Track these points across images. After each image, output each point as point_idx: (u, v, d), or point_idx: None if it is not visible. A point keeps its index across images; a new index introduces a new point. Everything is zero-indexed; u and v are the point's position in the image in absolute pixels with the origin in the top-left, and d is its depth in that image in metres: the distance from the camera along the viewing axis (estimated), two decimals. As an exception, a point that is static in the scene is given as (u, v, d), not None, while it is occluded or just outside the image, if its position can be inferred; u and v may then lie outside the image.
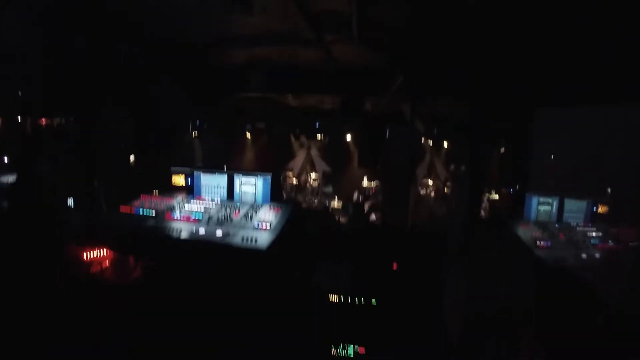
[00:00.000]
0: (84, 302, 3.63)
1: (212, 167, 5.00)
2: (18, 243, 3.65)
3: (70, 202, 5.66)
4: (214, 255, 3.77)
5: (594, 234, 4.65)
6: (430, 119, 9.93)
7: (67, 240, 4.18)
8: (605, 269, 3.76)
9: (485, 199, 9.67)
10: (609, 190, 5.87)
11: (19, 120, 7.92)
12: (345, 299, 3.82)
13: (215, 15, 3.50)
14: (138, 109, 7.12)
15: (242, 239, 3.84)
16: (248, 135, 11.93)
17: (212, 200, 4.79)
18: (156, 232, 4.06)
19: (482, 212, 9.42)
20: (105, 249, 4.06)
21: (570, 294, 3.27)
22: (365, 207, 8.85)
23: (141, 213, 4.51)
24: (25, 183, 4.53)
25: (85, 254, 3.97)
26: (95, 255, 4.02)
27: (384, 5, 3.42)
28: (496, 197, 9.94)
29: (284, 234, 4.03)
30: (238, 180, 4.79)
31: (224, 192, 4.84)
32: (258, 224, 4.14)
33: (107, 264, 4.07)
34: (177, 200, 4.77)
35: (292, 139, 12.52)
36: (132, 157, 8.73)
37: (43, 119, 8.46)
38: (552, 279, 3.72)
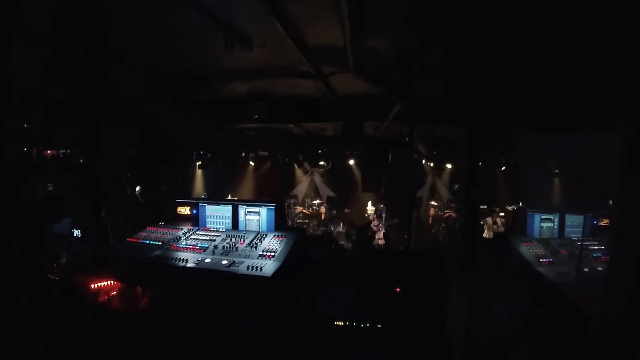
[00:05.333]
0: (92, 331, 3.68)
1: (217, 198, 5.09)
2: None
3: (78, 232, 5.76)
4: (220, 284, 3.82)
5: (595, 248, 4.69)
6: (431, 141, 10.05)
7: (73, 269, 4.26)
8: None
9: (490, 217, 9.67)
10: (610, 202, 5.89)
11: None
12: (351, 323, 3.85)
13: (217, 51, 3.67)
14: (143, 140, 7.29)
15: (248, 268, 3.88)
16: (252, 163, 12.06)
17: (217, 230, 4.87)
18: (163, 262, 4.12)
19: (486, 231, 9.43)
20: (112, 279, 4.13)
21: (573, 310, 3.28)
22: (370, 232, 8.89)
23: (148, 243, 4.58)
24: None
25: (92, 283, 4.04)
26: (102, 285, 4.09)
27: (377, 38, 3.58)
28: (500, 215, 9.94)
29: (289, 261, 4.07)
30: (242, 210, 4.88)
31: (228, 222, 4.92)
32: (263, 252, 4.19)
33: (115, 294, 4.13)
34: (183, 230, 4.85)
35: (296, 166, 12.64)
36: (137, 188, 8.86)
37: (49, 150, 8.69)
38: (556, 296, 3.73)
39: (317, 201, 12.22)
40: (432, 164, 11.39)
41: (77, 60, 4.17)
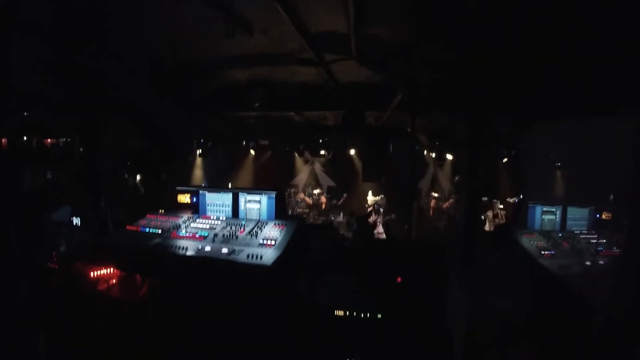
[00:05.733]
0: (91, 319, 3.68)
1: (217, 186, 5.05)
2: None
3: (77, 221, 5.74)
4: (219, 272, 3.80)
5: (597, 241, 4.67)
6: (433, 132, 10.02)
7: (73, 258, 4.25)
8: (610, 274, 3.76)
9: (490, 210, 9.66)
10: (611, 197, 5.88)
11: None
12: (351, 313, 3.84)
13: (217, 38, 3.62)
14: (143, 129, 7.25)
15: (248, 256, 3.86)
16: (252, 152, 12.03)
17: (218, 218, 4.84)
18: (162, 250, 4.10)
19: (487, 223, 9.42)
20: (112, 267, 4.12)
21: (575, 304, 3.27)
22: (370, 221, 8.88)
23: (147, 232, 4.56)
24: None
25: (92, 272, 4.03)
26: (102, 274, 4.08)
27: (381, 25, 3.52)
28: (501, 207, 9.93)
29: (289, 250, 4.05)
30: (243, 198, 4.84)
31: (229, 210, 4.89)
32: (263, 241, 4.17)
33: (114, 282, 4.12)
34: (183, 218, 4.83)
35: (296, 155, 12.59)
36: (138, 177, 8.85)
37: (49, 139, 8.65)
38: (558, 290, 3.72)
39: (318, 191, 12.20)
40: (433, 155, 11.36)
41: (76, 49, 4.12)
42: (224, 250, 4.01)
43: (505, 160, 10.72)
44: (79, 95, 5.06)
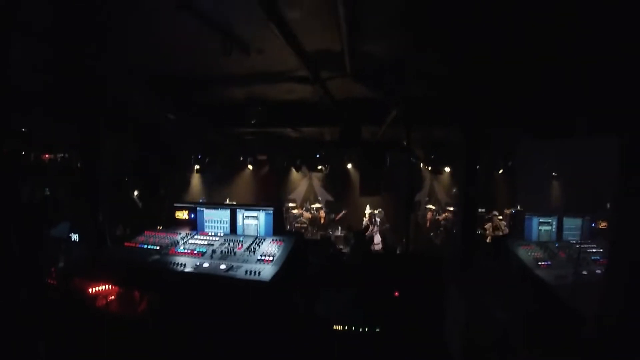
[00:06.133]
0: (90, 335, 3.67)
1: (215, 202, 5.05)
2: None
3: (75, 237, 5.73)
4: (218, 288, 3.80)
5: (594, 250, 4.69)
6: (429, 145, 10.08)
7: (71, 274, 4.25)
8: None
9: (489, 223, 9.66)
10: (608, 205, 5.90)
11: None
12: (349, 327, 3.84)
13: (215, 57, 3.68)
14: (142, 145, 7.28)
15: (246, 272, 3.86)
16: (250, 167, 12.06)
17: (216, 234, 4.85)
18: (161, 267, 4.10)
19: (489, 239, 9.41)
20: (110, 284, 4.12)
21: (572, 313, 3.28)
22: (367, 235, 8.89)
23: (146, 248, 4.56)
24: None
25: (91, 288, 4.03)
26: (100, 290, 4.08)
27: (374, 43, 3.60)
28: (500, 218, 9.93)
29: (287, 266, 4.05)
30: (240, 214, 4.86)
31: (227, 226, 4.89)
32: (261, 257, 4.17)
33: (113, 298, 4.11)
34: (181, 235, 4.84)
35: (294, 169, 12.63)
36: (135, 192, 8.86)
37: (47, 154, 8.66)
38: (554, 301, 3.73)
39: (316, 205, 12.20)
40: (429, 168, 11.42)
41: (76, 64, 4.18)
42: (222, 266, 4.02)
43: (501, 171, 10.78)
44: (78, 101, 5.09)
